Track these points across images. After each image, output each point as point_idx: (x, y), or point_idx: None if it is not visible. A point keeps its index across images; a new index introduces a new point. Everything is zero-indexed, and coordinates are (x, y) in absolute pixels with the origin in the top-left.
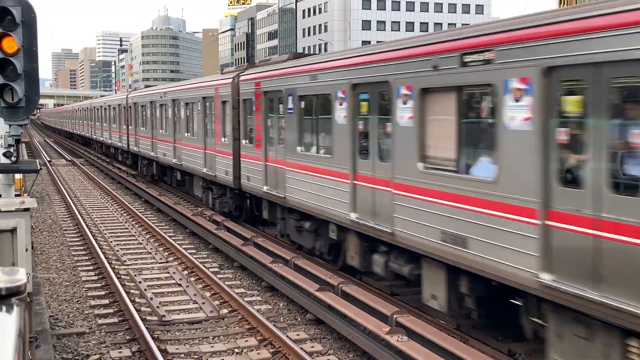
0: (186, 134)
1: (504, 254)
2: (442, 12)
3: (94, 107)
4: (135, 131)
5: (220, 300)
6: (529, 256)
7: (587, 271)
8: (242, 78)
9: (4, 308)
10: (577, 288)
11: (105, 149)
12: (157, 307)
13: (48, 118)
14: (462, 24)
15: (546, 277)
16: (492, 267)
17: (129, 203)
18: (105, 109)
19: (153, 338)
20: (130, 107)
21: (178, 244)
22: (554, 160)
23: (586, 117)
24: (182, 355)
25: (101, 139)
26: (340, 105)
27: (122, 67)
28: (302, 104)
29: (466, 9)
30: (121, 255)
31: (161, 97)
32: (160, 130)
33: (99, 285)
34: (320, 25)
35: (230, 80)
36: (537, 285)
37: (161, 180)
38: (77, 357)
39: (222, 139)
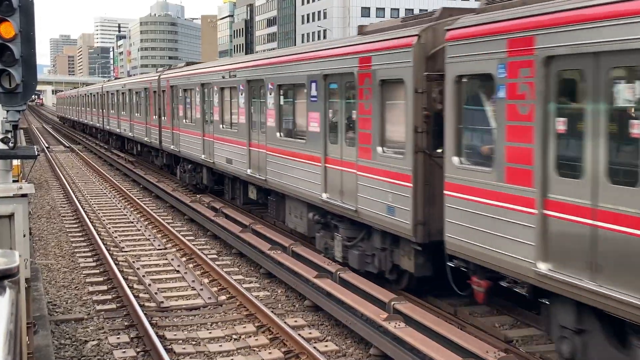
0: (136, 114)
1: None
2: None
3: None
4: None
5: (219, 287)
6: None
7: None
8: (161, 77)
9: None
10: None
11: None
12: (156, 293)
13: (67, 107)
14: None
15: None
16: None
17: (127, 189)
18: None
19: (151, 324)
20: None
21: (176, 230)
22: None
23: None
24: (180, 341)
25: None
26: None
27: (121, 53)
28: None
29: None
30: (119, 242)
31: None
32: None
33: (97, 271)
34: (319, 11)
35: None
36: None
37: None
38: (75, 343)
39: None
